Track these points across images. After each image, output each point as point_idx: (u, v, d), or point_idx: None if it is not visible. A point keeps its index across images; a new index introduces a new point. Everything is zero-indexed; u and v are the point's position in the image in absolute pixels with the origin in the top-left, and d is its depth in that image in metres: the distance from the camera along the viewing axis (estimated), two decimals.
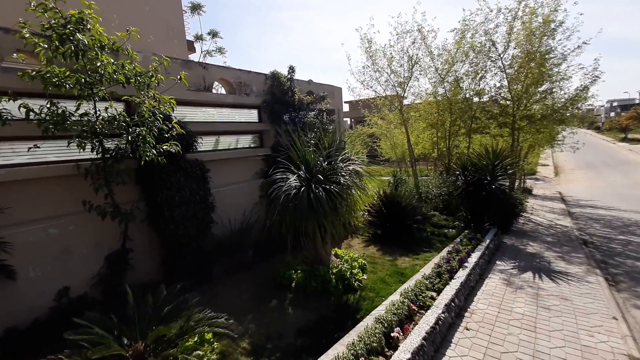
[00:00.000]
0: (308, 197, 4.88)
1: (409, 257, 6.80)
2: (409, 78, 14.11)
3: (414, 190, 13.29)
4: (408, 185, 13.90)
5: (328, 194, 4.96)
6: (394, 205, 8.11)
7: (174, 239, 5.23)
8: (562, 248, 7.74)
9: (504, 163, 8.35)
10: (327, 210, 4.82)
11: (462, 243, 6.64)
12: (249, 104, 7.44)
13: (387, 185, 14.45)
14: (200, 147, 6.71)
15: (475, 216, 8.67)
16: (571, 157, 27.37)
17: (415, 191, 13.15)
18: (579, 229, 10.08)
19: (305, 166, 5.29)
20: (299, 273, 5.38)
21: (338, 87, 10.61)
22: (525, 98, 12.04)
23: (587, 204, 13.77)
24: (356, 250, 7.39)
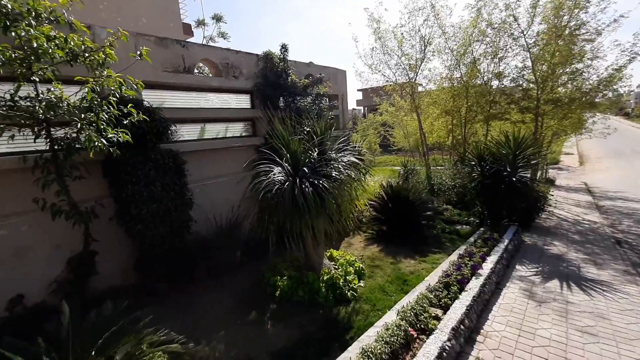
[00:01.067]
0: (292, 193, 4.17)
1: (415, 260, 6.02)
2: (422, 60, 13.05)
3: (425, 181, 12.42)
4: (419, 176, 13.04)
5: (316, 189, 4.23)
6: (400, 199, 7.31)
7: (143, 239, 4.63)
8: (592, 249, 6.80)
9: (526, 152, 7.38)
10: (314, 208, 4.10)
11: (476, 244, 5.81)
12: (238, 88, 6.70)
13: (397, 175, 13.64)
14: (183, 136, 6.08)
15: (492, 212, 7.78)
16: (597, 145, 25.61)
17: (427, 183, 12.28)
18: (610, 225, 9.05)
19: (291, 157, 4.56)
20: (284, 280, 4.71)
21: (342, 70, 9.73)
22: (551, 80, 10.84)
23: (616, 196, 12.55)
24: (356, 250, 6.67)
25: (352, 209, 4.98)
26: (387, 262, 5.96)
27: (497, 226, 7.40)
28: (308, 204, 4.08)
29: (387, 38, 12.99)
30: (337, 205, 4.41)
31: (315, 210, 4.12)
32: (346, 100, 9.90)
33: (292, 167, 4.54)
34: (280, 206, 4.20)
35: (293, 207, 4.16)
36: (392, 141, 24.84)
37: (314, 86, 7.18)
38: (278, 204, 4.22)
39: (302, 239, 4.69)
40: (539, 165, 12.69)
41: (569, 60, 10.36)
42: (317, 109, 6.97)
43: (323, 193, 4.20)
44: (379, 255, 6.30)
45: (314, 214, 4.16)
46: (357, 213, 8.08)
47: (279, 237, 4.43)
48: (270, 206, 4.32)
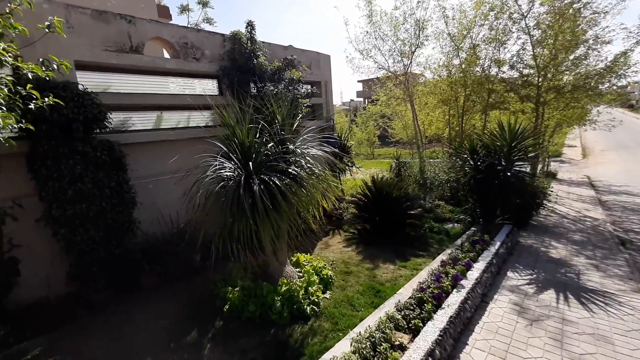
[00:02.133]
0: (236, 192, 3.49)
1: (395, 265, 5.36)
2: (416, 46, 12.22)
3: (418, 175, 11.72)
4: (412, 169, 12.34)
5: (268, 188, 3.56)
6: (384, 196, 6.63)
7: (70, 245, 3.99)
8: (594, 251, 6.13)
9: (523, 144, 6.66)
10: (262, 210, 3.43)
11: (462, 248, 5.14)
12: (200, 71, 5.98)
13: (390, 169, 12.94)
14: (134, 126, 5.41)
15: (485, 209, 7.09)
16: (601, 137, 24.82)
17: (420, 176, 11.58)
18: (613, 223, 8.38)
19: (239, 150, 3.86)
20: (236, 291, 4.06)
21: (325, 55, 8.96)
22: (553, 66, 10.03)
23: (620, 191, 11.86)
24: (332, 253, 6.02)
25: (317, 210, 4.31)
26: (363, 267, 5.30)
27: (490, 225, 6.73)
28: (256, 206, 3.41)
29: (380, 21, 12.19)
30: (294, 206, 3.74)
31: (264, 212, 3.45)
32: (330, 87, 9.16)
33: (243, 162, 3.86)
34: (223, 207, 3.54)
35: (238, 209, 3.49)
36: (390, 133, 24.15)
37: (286, 70, 6.43)
38: (222, 204, 3.56)
39: (259, 244, 4.03)
40: (538, 158, 11.96)
41: (572, 44, 9.54)
42: (290, 96, 6.24)
43: (276, 193, 3.53)
44: (356, 259, 5.65)
45: (263, 217, 3.49)
46: (336, 211, 7.45)
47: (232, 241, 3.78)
48: (213, 206, 3.66)
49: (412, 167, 12.48)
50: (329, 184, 4.23)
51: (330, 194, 4.56)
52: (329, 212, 7.39)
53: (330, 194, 4.56)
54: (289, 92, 6.34)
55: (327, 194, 4.45)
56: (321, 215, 4.46)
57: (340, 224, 7.47)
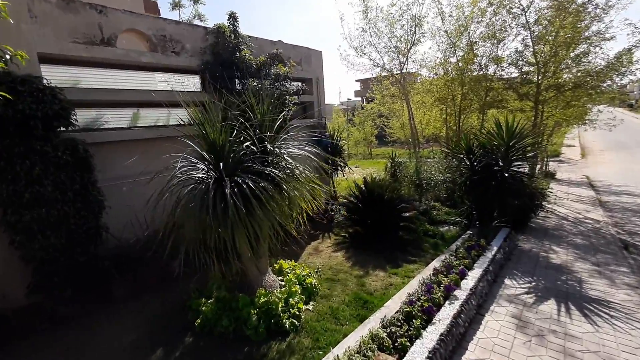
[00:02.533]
0: (205, 196, 3.16)
1: (385, 272, 5.04)
2: (412, 43, 11.91)
3: (414, 175, 11.40)
4: (408, 170, 12.03)
5: (242, 191, 3.23)
6: (376, 198, 6.31)
7: (28, 254, 3.65)
8: (596, 256, 5.82)
9: (522, 143, 6.34)
10: (235, 215, 3.10)
11: (457, 254, 4.81)
12: (179, 66, 5.64)
13: (385, 169, 12.63)
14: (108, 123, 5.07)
15: (481, 212, 6.78)
16: (600, 137, 24.56)
17: (416, 177, 11.27)
18: (615, 225, 8.08)
19: (212, 151, 3.53)
20: (209, 303, 3.73)
21: (316, 51, 8.63)
22: (553, 63, 9.72)
23: (621, 191, 11.56)
24: (321, 259, 5.69)
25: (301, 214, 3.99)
26: (351, 274, 4.98)
27: (487, 228, 6.41)
28: (226, 211, 3.08)
29: (375, 18, 11.87)
30: (271, 211, 3.41)
31: (238, 218, 3.13)
32: (322, 84, 8.83)
33: (215, 163, 3.53)
34: (194, 212, 3.21)
35: (208, 215, 3.16)
36: (388, 132, 23.90)
37: (273, 66, 6.09)
38: (190, 209, 3.23)
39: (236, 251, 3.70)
40: (537, 158, 11.67)
41: (574, 40, 9.24)
42: (276, 92, 5.90)
43: (250, 196, 3.20)
44: (345, 266, 5.32)
45: (237, 223, 3.16)
46: (327, 213, 7.12)
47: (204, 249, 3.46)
48: (184, 211, 3.33)
49: (407, 168, 12.18)
50: (313, 187, 3.91)
51: (316, 197, 4.25)
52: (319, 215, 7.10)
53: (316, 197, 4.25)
54: (276, 88, 6.00)
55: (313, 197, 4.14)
56: (305, 220, 4.14)
57: (331, 227, 7.15)
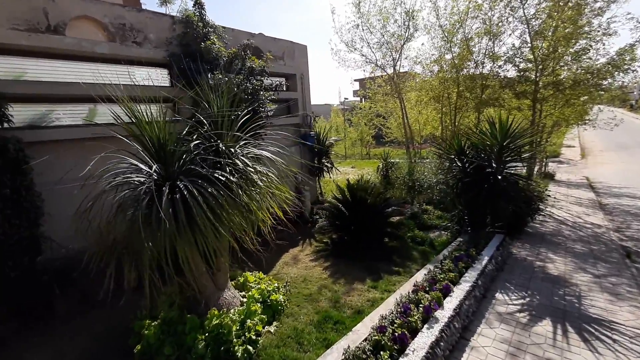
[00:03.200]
0: (140, 203, 2.68)
1: (364, 285, 4.56)
2: (405, 39, 11.43)
3: (406, 177, 10.93)
4: (401, 171, 11.56)
5: (184, 198, 2.75)
6: (359, 202, 5.84)
7: None
8: (596, 266, 5.35)
9: (517, 143, 5.87)
10: (170, 226, 2.63)
11: (442, 266, 4.33)
12: (141, 57, 5.15)
13: (376, 170, 12.17)
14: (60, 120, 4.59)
15: (473, 217, 6.31)
16: (600, 137, 24.21)
17: (408, 178, 10.80)
18: (617, 230, 7.62)
19: (153, 151, 3.04)
20: (153, 326, 3.25)
21: (300, 45, 8.14)
22: (552, 60, 9.24)
23: (621, 193, 11.10)
24: (297, 269, 5.21)
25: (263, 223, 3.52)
26: (327, 288, 4.50)
27: (479, 235, 5.94)
28: (167, 221, 2.61)
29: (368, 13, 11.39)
30: (222, 220, 2.93)
31: (173, 229, 2.65)
32: (308, 81, 8.35)
33: (157, 165, 3.04)
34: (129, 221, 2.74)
35: (144, 224, 2.69)
36: (384, 132, 23.48)
37: (245, 58, 5.59)
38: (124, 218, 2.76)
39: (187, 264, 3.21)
40: (535, 159, 11.21)
41: (574, 35, 8.76)
42: (249, 88, 5.42)
43: (193, 204, 2.72)
44: (322, 277, 4.85)
45: (174, 235, 2.69)
46: (311, 217, 6.64)
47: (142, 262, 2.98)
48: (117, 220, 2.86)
49: (401, 169, 11.72)
50: (280, 193, 3.44)
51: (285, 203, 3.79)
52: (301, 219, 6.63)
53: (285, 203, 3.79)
54: (249, 83, 5.52)
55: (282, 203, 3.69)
56: (276, 227, 3.67)
57: (313, 233, 6.68)
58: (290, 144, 8.08)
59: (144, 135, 2.97)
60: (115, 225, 2.84)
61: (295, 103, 8.17)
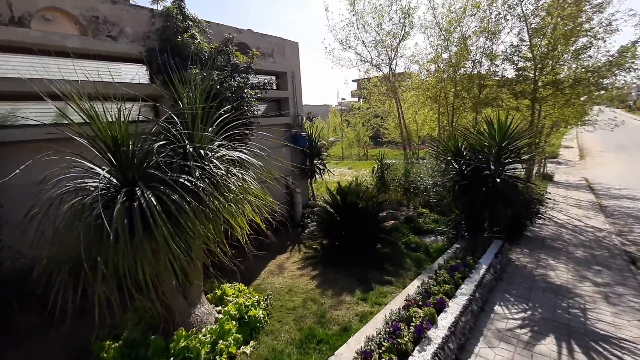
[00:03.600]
0: (91, 212, 2.36)
1: (353, 296, 4.24)
2: (401, 38, 11.15)
3: (402, 178, 10.63)
4: (396, 172, 11.27)
5: (144, 205, 2.43)
6: (351, 207, 5.52)
7: None
8: (601, 273, 5.06)
9: (516, 144, 5.57)
10: (126, 239, 2.31)
11: (437, 277, 4.01)
12: (116, 52, 4.82)
13: (372, 171, 11.86)
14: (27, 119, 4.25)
15: (470, 221, 6.01)
16: (598, 138, 24.06)
17: (404, 180, 10.51)
18: (619, 233, 7.35)
19: (111, 152, 2.71)
20: (113, 348, 2.91)
21: (291, 42, 7.83)
22: (551, 58, 8.96)
23: (621, 195, 10.87)
24: (283, 278, 4.87)
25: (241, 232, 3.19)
26: (313, 300, 4.17)
27: (476, 240, 5.64)
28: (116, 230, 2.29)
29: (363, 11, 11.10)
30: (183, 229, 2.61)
31: (127, 240, 2.33)
32: (299, 79, 8.03)
33: (117, 168, 2.72)
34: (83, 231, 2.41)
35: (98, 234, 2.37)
36: (382, 133, 23.27)
37: (228, 54, 5.25)
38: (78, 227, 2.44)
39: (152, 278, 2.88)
40: (534, 160, 10.94)
41: (574, 33, 8.49)
42: (233, 85, 5.08)
43: (154, 213, 2.40)
44: (308, 288, 4.52)
45: (135, 247, 2.37)
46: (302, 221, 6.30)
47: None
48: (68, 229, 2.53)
49: (397, 170, 11.42)
50: (258, 198, 3.12)
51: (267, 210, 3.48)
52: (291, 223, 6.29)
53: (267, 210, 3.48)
54: (234, 80, 5.18)
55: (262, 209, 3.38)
56: (248, 239, 3.35)
57: (302, 239, 6.35)
58: (280, 145, 7.76)
59: (98, 136, 2.64)
60: (65, 237, 2.51)
61: (286, 102, 7.85)
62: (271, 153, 6.74)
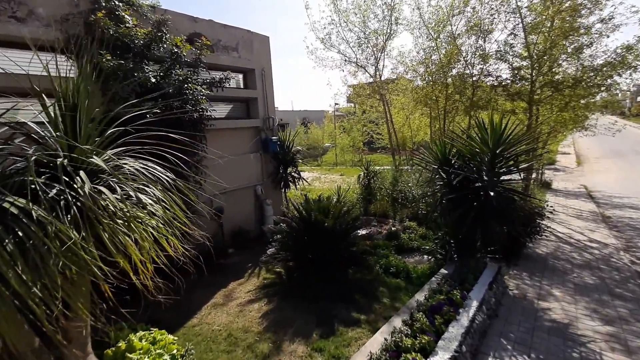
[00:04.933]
0: None
1: (308, 346, 3.31)
2: (387, 35, 10.38)
3: (389, 188, 9.79)
4: (384, 181, 10.43)
5: None
6: (317, 225, 4.61)
7: None
8: (614, 305, 4.21)
9: (513, 150, 4.71)
10: None
11: (413, 324, 3.09)
12: (21, 37, 3.91)
13: (357, 179, 11.01)
14: None
15: (461, 241, 5.12)
16: (595, 144, 23.64)
17: (392, 189, 9.67)
18: (626, 249, 6.57)
19: None
20: None
21: (261, 36, 6.97)
22: (550, 56, 8.19)
23: (622, 203, 10.24)
24: (228, 313, 3.95)
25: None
26: (254, 352, 3.25)
27: (467, 264, 4.75)
28: None
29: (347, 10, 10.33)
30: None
31: None
32: (270, 78, 7.17)
33: None
34: None
35: None
36: (375, 138, 22.64)
37: (161, 42, 4.31)
38: None
39: None
40: (532, 169, 10.15)
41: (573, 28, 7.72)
42: (174, 80, 4.19)
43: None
44: (254, 330, 3.59)
45: None
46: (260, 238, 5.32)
47: None
48: None
49: (385, 178, 10.57)
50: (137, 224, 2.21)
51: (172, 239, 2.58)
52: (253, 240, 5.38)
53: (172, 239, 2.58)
54: (174, 75, 4.28)
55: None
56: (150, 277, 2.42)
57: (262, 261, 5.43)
58: (248, 151, 6.88)
59: None
60: None
61: (255, 103, 6.98)
62: (235, 160, 5.83)
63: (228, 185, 6.34)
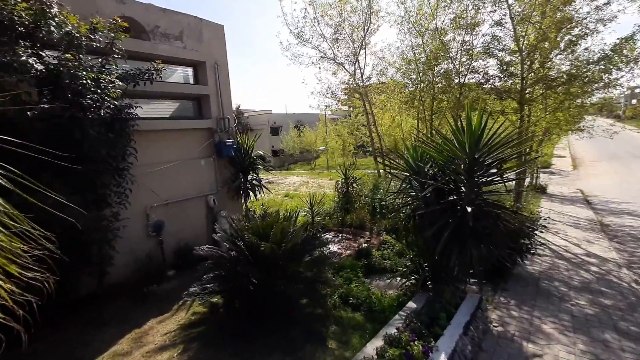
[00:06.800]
0: None
1: None
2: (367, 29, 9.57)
3: (368, 196, 8.93)
4: (365, 187, 9.58)
5: None
6: (251, 252, 3.70)
7: None
8: (621, 347, 3.37)
9: (495, 155, 3.85)
10: None
11: None
12: None
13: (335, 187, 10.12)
14: None
15: (436, 265, 4.23)
16: (591, 146, 23.23)
17: (372, 198, 8.82)
18: (629, 266, 5.86)
19: None
20: None
21: (213, 24, 6.08)
22: (541, 50, 7.40)
23: (621, 209, 9.65)
24: None
25: None
26: None
27: (442, 295, 3.88)
28: None
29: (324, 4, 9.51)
30: None
31: None
32: (226, 72, 6.29)
33: None
34: None
35: None
36: (366, 142, 21.84)
37: (47, 19, 3.35)
38: None
39: None
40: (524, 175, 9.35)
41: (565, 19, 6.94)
42: (67, 72, 3.31)
43: None
44: None
45: None
46: None
47: None
48: None
49: (365, 184, 9.72)
50: None
51: None
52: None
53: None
54: (67, 63, 3.38)
55: None
56: None
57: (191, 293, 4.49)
58: (198, 156, 5.99)
59: None
60: None
61: (207, 101, 6.09)
62: (180, 166, 4.90)
63: (167, 198, 5.46)
